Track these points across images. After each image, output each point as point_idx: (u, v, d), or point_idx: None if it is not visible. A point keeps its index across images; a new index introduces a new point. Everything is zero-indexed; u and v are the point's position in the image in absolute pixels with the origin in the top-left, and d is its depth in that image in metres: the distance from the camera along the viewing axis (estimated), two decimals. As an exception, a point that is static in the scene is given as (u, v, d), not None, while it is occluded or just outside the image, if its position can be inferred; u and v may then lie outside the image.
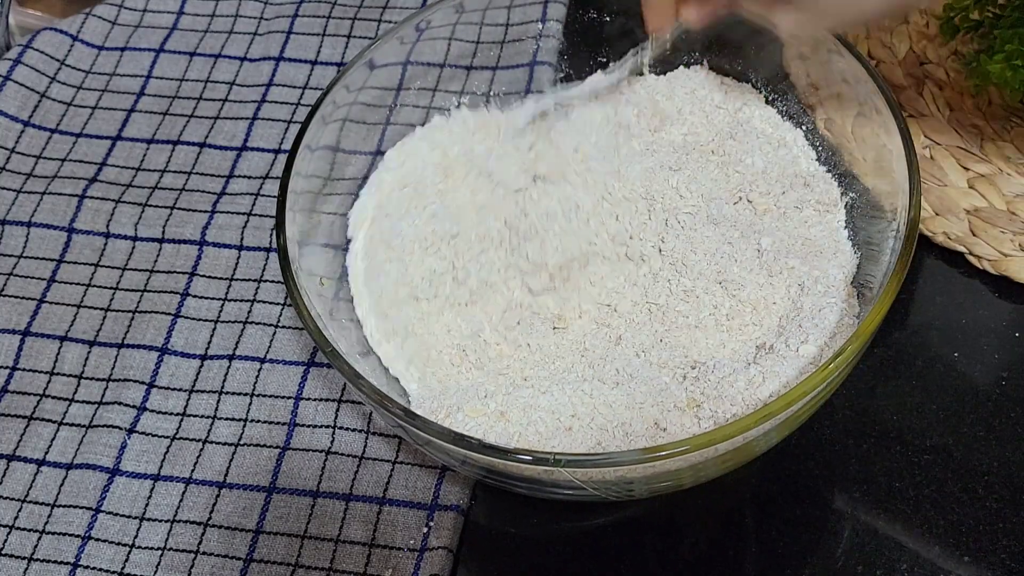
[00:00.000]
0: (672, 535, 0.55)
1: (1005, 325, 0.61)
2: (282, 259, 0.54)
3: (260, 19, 0.81)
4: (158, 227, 0.70)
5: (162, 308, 0.66)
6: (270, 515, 0.57)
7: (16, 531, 0.58)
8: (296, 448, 0.59)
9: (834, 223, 0.60)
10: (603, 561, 0.55)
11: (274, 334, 0.64)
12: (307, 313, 0.52)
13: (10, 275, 0.68)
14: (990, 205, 0.64)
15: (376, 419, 0.60)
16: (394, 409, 0.48)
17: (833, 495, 0.42)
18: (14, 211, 0.71)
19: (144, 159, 0.74)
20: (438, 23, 0.66)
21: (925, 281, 0.63)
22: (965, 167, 0.66)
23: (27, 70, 0.77)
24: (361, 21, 0.80)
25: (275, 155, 0.73)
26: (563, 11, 0.73)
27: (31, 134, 0.76)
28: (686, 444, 0.45)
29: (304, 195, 0.59)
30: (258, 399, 0.62)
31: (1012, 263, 0.61)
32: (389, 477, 0.58)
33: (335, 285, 0.60)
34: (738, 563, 0.54)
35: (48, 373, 0.64)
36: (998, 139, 0.67)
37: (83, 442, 0.61)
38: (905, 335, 0.44)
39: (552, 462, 0.45)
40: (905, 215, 0.52)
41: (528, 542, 0.56)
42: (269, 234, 0.69)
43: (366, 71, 0.63)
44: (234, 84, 0.77)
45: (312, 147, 0.60)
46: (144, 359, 0.64)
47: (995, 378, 0.58)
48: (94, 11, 0.81)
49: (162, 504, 0.58)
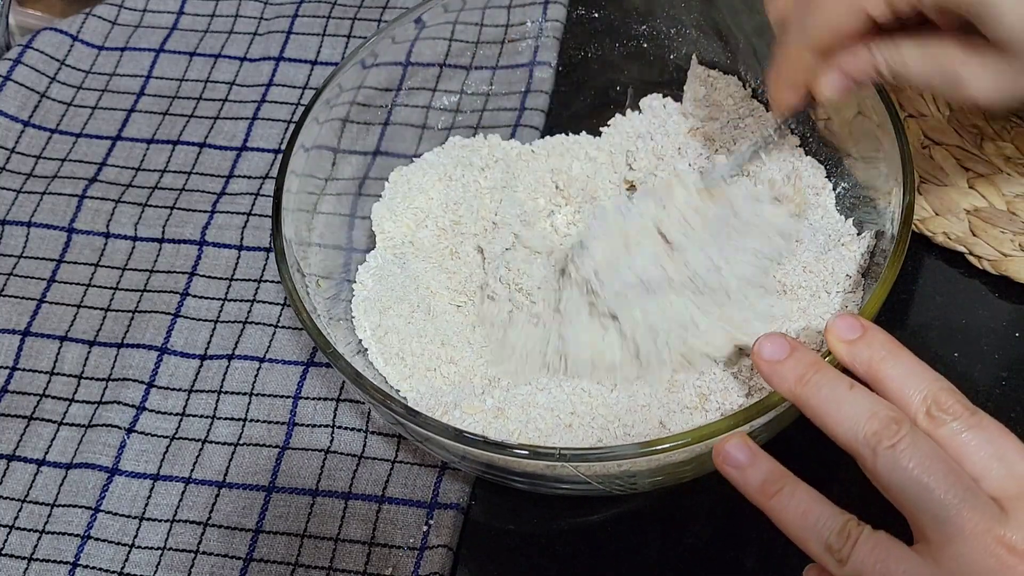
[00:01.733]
0: (672, 530, 0.55)
1: (1005, 325, 0.61)
2: (279, 259, 0.54)
3: (260, 19, 0.81)
4: (158, 227, 0.70)
5: (162, 308, 0.66)
6: (270, 514, 0.57)
7: (16, 531, 0.58)
8: (295, 447, 0.59)
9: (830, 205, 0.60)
10: (603, 557, 0.55)
11: (273, 334, 0.64)
12: (306, 313, 0.52)
13: (10, 275, 0.68)
14: (990, 205, 0.64)
15: (375, 417, 0.60)
16: (395, 407, 0.48)
17: (833, 491, 0.42)
18: (14, 211, 0.71)
19: (144, 159, 0.74)
20: (435, 22, 0.66)
21: (925, 281, 0.63)
22: (965, 167, 0.66)
23: (27, 70, 0.77)
24: (361, 21, 0.80)
25: (275, 155, 0.73)
26: (563, 11, 0.73)
27: (31, 134, 0.76)
28: (688, 436, 0.45)
29: (301, 195, 0.59)
30: (257, 398, 0.62)
31: (1012, 263, 0.61)
32: (388, 476, 0.58)
33: (335, 285, 0.60)
34: (739, 558, 0.54)
35: (48, 373, 0.64)
36: (998, 139, 0.67)
37: (83, 442, 0.61)
38: (905, 335, 0.44)
39: (557, 456, 0.45)
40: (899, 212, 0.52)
41: (528, 539, 0.56)
42: (269, 234, 0.69)
43: (361, 70, 0.63)
44: (234, 84, 0.77)
45: (307, 147, 0.60)
46: (144, 359, 0.64)
47: (995, 378, 0.58)
48: (94, 11, 0.81)
49: (162, 504, 0.58)
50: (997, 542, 0.38)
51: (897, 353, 0.42)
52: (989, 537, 0.38)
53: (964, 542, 0.38)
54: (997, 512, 0.39)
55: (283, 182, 0.57)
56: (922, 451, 0.39)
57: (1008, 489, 0.39)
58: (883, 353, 0.42)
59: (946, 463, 0.39)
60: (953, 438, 0.40)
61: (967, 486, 0.39)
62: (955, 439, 0.40)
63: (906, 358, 0.42)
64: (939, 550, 0.39)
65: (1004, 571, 0.38)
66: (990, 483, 0.40)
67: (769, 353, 0.44)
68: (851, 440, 0.40)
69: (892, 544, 0.39)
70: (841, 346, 0.43)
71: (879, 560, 0.39)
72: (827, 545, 0.40)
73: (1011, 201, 0.64)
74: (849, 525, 0.40)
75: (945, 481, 0.39)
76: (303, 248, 0.58)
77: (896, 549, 0.39)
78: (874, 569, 0.39)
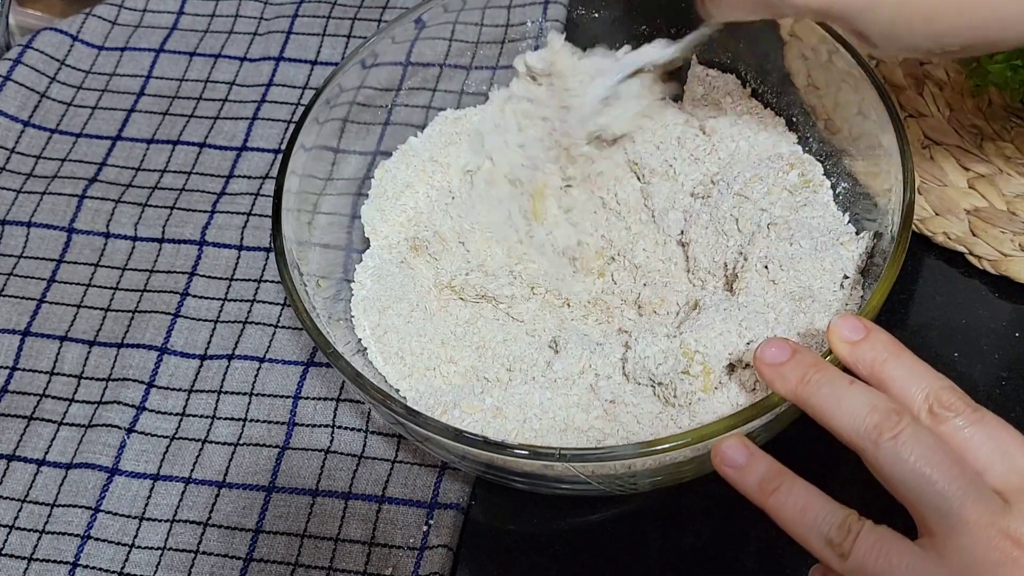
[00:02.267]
0: (672, 530, 0.55)
1: (1005, 325, 0.61)
2: (279, 259, 0.54)
3: (260, 19, 0.81)
4: (158, 227, 0.70)
5: (162, 308, 0.66)
6: (270, 514, 0.57)
7: (16, 531, 0.58)
8: (295, 447, 0.59)
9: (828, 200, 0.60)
10: (603, 557, 0.55)
11: (273, 334, 0.64)
12: (306, 313, 0.52)
13: (10, 275, 0.68)
14: (990, 205, 0.64)
15: (375, 417, 0.60)
16: (395, 407, 0.48)
17: (834, 491, 0.42)
18: (14, 211, 0.71)
19: (144, 159, 0.74)
20: (435, 22, 0.66)
21: (925, 281, 0.63)
22: (965, 167, 0.66)
23: (27, 70, 0.77)
24: (361, 21, 0.80)
25: (275, 155, 0.73)
26: (563, 11, 0.73)
27: (31, 134, 0.76)
28: (687, 436, 0.45)
29: (301, 195, 0.59)
30: (257, 398, 0.62)
31: (1012, 263, 0.61)
32: (388, 476, 0.58)
33: (334, 285, 0.60)
34: (739, 557, 0.54)
35: (48, 373, 0.64)
36: (998, 139, 0.67)
37: (83, 442, 0.61)
38: (905, 335, 0.44)
39: (557, 456, 0.45)
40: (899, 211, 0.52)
41: (528, 539, 0.56)
42: (269, 234, 0.69)
43: (361, 70, 0.63)
44: (234, 84, 0.77)
45: (307, 147, 0.60)
46: (144, 359, 0.64)
47: (995, 378, 0.59)
48: (94, 11, 0.82)
49: (162, 504, 0.58)
50: (1001, 534, 0.38)
51: (899, 354, 0.42)
52: (993, 530, 0.38)
53: (967, 534, 0.38)
54: (1000, 504, 0.39)
55: (283, 182, 0.57)
56: (924, 443, 0.39)
57: (1011, 483, 0.39)
58: (886, 354, 0.42)
59: (949, 455, 0.39)
60: (956, 434, 0.40)
61: (970, 478, 0.39)
62: (958, 435, 0.40)
63: (908, 359, 0.42)
64: (942, 543, 0.39)
65: (1008, 563, 0.38)
66: (993, 477, 0.40)
67: (771, 357, 0.44)
68: (853, 435, 0.40)
69: (894, 538, 0.39)
70: (844, 347, 0.43)
71: (881, 554, 0.39)
72: (828, 540, 0.40)
73: (1011, 201, 0.64)
74: (849, 520, 0.40)
75: (948, 473, 0.39)
76: (303, 248, 0.58)
77: (898, 543, 0.39)
78: (876, 563, 0.39)
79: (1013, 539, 0.38)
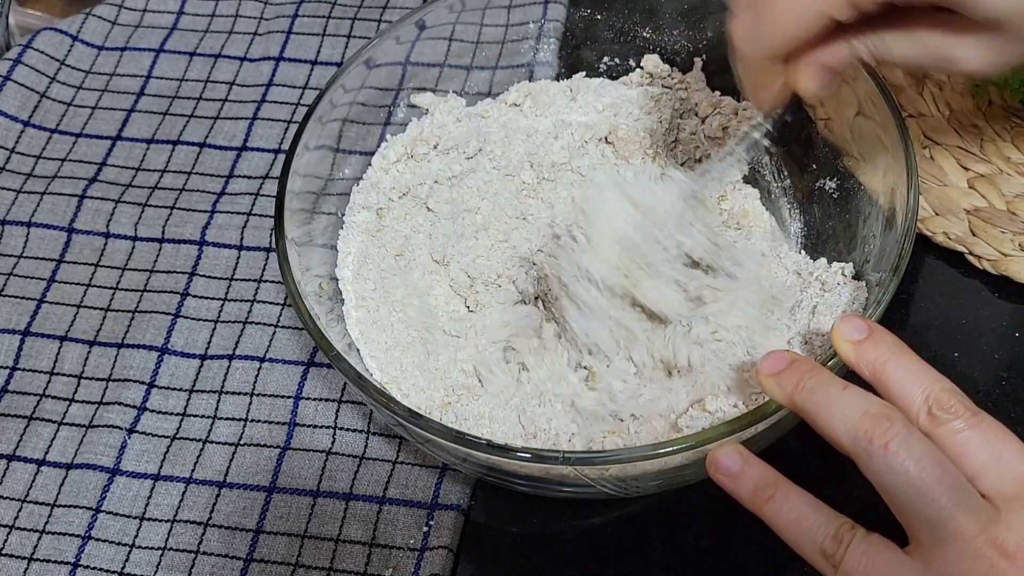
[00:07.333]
0: (674, 533, 0.55)
1: (1005, 325, 0.61)
2: (281, 260, 0.54)
3: (260, 19, 0.81)
4: (158, 227, 0.70)
5: (162, 308, 0.66)
6: (270, 515, 0.57)
7: (16, 531, 0.58)
8: (296, 448, 0.59)
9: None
10: (604, 559, 0.55)
11: (274, 334, 0.64)
12: (307, 314, 0.52)
13: (10, 275, 0.68)
14: (990, 205, 0.64)
15: (377, 418, 0.60)
16: (397, 409, 0.48)
17: (835, 493, 0.42)
18: (14, 211, 0.71)
19: (144, 159, 0.74)
20: (436, 22, 0.66)
21: (925, 281, 0.63)
22: (965, 167, 0.66)
23: (27, 70, 0.77)
24: (361, 21, 0.80)
25: (275, 155, 0.73)
26: (563, 11, 0.73)
27: (31, 134, 0.75)
28: (690, 440, 0.45)
29: (303, 195, 0.59)
30: (258, 399, 0.62)
31: (1012, 263, 0.61)
32: (389, 477, 0.58)
33: (335, 285, 0.60)
34: (740, 560, 0.54)
35: (48, 373, 0.64)
36: (998, 139, 0.67)
37: (83, 442, 0.61)
38: (905, 335, 0.44)
39: (559, 460, 0.45)
40: (903, 214, 0.52)
41: (529, 541, 0.56)
42: (269, 234, 0.69)
43: (364, 70, 0.63)
44: (234, 84, 0.77)
45: (310, 147, 0.60)
46: (144, 359, 0.64)
47: (995, 378, 0.59)
48: (94, 11, 0.81)
49: (162, 504, 0.58)
50: (988, 544, 0.38)
51: (901, 354, 0.42)
52: (980, 540, 0.38)
53: (954, 545, 0.38)
54: (990, 513, 0.39)
55: (286, 182, 0.57)
56: (915, 452, 0.39)
57: (1004, 490, 0.39)
58: (888, 354, 0.42)
59: (940, 464, 0.39)
60: (953, 437, 0.40)
61: (961, 488, 0.39)
62: (955, 438, 0.40)
63: (910, 360, 0.42)
64: (929, 552, 0.39)
65: (994, 574, 0.38)
66: (987, 482, 0.40)
67: (769, 368, 0.44)
68: (846, 441, 0.40)
69: (883, 547, 0.39)
70: (847, 347, 0.43)
71: (869, 564, 0.39)
72: (822, 551, 0.40)
73: (1011, 201, 0.64)
74: (842, 529, 0.40)
75: (939, 485, 0.38)
76: (304, 248, 0.58)
77: (886, 552, 0.39)
78: (864, 573, 0.39)
79: (1000, 549, 0.38)
